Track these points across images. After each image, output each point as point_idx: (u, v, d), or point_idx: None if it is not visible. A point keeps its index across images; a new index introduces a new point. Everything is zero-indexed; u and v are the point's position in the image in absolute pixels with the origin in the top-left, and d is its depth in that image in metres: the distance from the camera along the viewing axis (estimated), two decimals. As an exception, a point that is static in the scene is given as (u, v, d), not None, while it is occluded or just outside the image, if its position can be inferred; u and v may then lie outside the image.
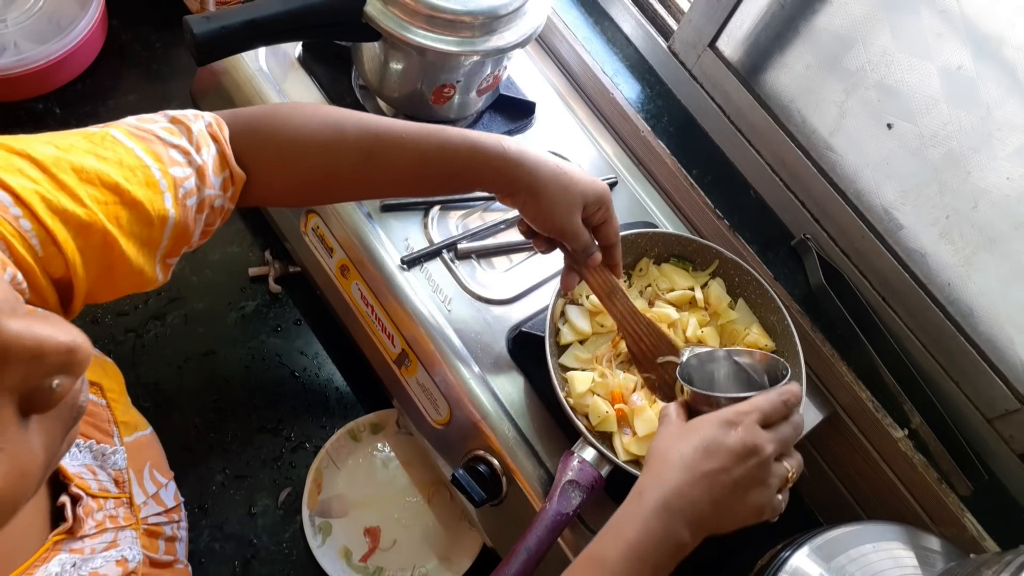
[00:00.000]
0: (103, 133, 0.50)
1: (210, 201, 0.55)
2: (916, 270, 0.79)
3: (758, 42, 0.85)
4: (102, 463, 0.56)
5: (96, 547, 0.52)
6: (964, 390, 0.79)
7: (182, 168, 0.52)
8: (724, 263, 0.79)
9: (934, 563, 0.69)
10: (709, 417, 0.56)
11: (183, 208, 0.52)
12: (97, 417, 0.58)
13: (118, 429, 0.60)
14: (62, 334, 0.32)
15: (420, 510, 0.84)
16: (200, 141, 0.54)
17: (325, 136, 0.59)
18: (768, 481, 0.54)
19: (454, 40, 0.71)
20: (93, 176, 0.46)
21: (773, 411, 0.56)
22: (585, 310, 0.75)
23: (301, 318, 0.93)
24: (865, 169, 0.80)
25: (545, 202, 0.63)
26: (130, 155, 0.49)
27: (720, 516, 0.53)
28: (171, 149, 0.52)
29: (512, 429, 0.72)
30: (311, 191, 0.63)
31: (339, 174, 0.61)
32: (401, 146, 0.60)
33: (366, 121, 0.61)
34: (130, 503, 0.58)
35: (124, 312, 0.88)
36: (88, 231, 0.46)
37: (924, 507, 0.80)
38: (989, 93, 0.68)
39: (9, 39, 0.93)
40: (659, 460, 0.55)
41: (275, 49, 0.86)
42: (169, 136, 0.52)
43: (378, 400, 0.88)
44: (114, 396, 0.61)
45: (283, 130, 0.59)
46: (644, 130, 0.91)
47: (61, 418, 0.35)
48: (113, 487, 0.57)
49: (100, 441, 0.56)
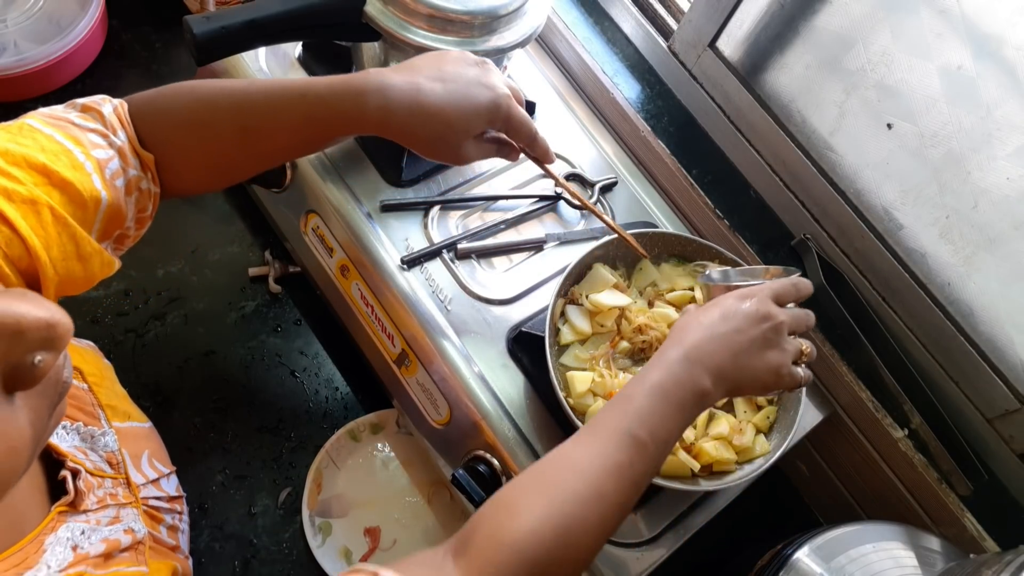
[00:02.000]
0: (19, 124, 0.50)
1: (136, 182, 0.55)
2: (916, 270, 0.79)
3: (758, 42, 0.85)
4: (92, 444, 0.56)
5: (101, 520, 0.52)
6: (964, 390, 0.79)
7: (104, 150, 0.52)
8: (724, 263, 0.79)
9: (934, 563, 0.69)
10: (725, 295, 0.61)
11: (113, 189, 0.52)
12: (80, 400, 0.58)
13: (104, 412, 0.60)
14: (40, 310, 0.33)
15: (420, 510, 0.84)
16: (113, 123, 0.54)
17: (201, 115, 0.58)
18: (783, 346, 0.58)
19: (454, 40, 0.71)
20: (20, 159, 0.47)
21: (784, 291, 0.61)
22: (585, 310, 0.75)
23: (301, 318, 0.93)
24: (865, 169, 0.80)
25: (424, 148, 0.61)
26: (50, 141, 0.49)
27: (739, 369, 0.56)
28: (89, 133, 0.52)
29: (512, 429, 0.72)
30: (211, 171, 0.61)
31: (222, 150, 0.59)
32: (274, 117, 0.58)
33: (239, 93, 0.58)
34: (127, 483, 0.58)
35: (124, 312, 0.88)
36: (36, 208, 0.46)
37: (924, 507, 0.80)
38: (989, 93, 0.68)
39: (9, 39, 0.93)
40: (679, 329, 0.59)
41: (275, 49, 0.86)
42: (84, 122, 0.52)
43: (378, 400, 0.88)
44: (95, 380, 0.61)
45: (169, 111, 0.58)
46: (644, 130, 0.91)
47: (46, 394, 0.36)
48: (107, 467, 0.57)
49: (87, 423, 0.56)
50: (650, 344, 0.73)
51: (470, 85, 0.60)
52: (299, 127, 0.59)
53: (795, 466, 0.95)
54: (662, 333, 0.73)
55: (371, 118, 0.58)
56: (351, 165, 0.81)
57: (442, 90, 0.59)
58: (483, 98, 0.60)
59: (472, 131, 0.61)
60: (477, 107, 0.60)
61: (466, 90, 0.59)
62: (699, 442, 0.69)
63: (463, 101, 0.59)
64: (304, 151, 0.67)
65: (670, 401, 0.54)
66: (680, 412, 0.54)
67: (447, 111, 0.59)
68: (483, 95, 0.60)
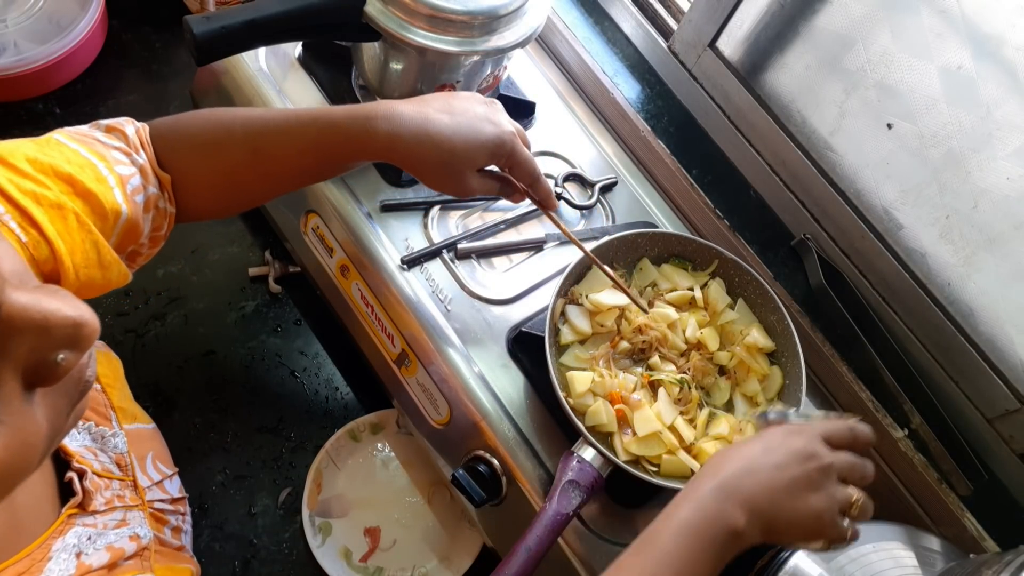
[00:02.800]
0: (46, 138, 0.52)
1: (154, 200, 0.57)
2: (916, 270, 0.79)
3: (758, 42, 0.85)
4: (102, 445, 0.57)
5: (108, 523, 0.52)
6: (964, 390, 0.79)
7: (126, 167, 0.54)
8: (724, 263, 0.79)
9: (934, 563, 0.69)
10: (772, 428, 0.56)
11: (133, 204, 0.54)
12: (94, 400, 0.59)
13: (116, 414, 0.61)
14: (69, 308, 0.33)
15: (420, 510, 0.84)
16: (136, 143, 0.57)
17: (216, 136, 0.60)
18: (828, 490, 0.53)
19: (454, 40, 0.71)
20: (47, 167, 0.48)
21: (837, 433, 0.56)
22: (585, 310, 0.75)
23: (301, 318, 0.93)
24: (865, 169, 0.80)
25: (429, 176, 0.63)
26: (76, 155, 0.51)
27: (776, 508, 0.51)
28: (112, 150, 0.54)
29: (512, 429, 0.72)
30: (224, 193, 0.64)
31: (235, 172, 0.61)
32: (286, 140, 0.60)
33: (254, 118, 0.61)
34: (134, 485, 0.59)
35: (124, 312, 0.88)
36: (62, 213, 0.47)
37: (924, 507, 0.80)
38: (989, 93, 0.67)
39: (9, 39, 0.93)
40: (718, 457, 0.56)
41: (275, 49, 0.86)
42: (108, 140, 0.55)
43: (378, 400, 0.88)
44: (109, 382, 0.62)
45: (186, 133, 0.60)
46: (644, 130, 0.91)
47: (67, 392, 0.36)
48: (116, 469, 0.57)
49: (99, 424, 0.57)
50: (650, 344, 0.73)
51: (477, 119, 0.62)
52: (309, 150, 0.60)
53: (795, 466, 0.95)
54: (662, 333, 0.73)
55: (379, 143, 0.60)
56: (351, 165, 0.81)
57: (449, 120, 0.61)
58: (489, 132, 0.61)
59: (476, 163, 0.62)
60: (482, 140, 0.61)
61: (472, 123, 0.61)
62: (699, 442, 0.69)
63: (469, 133, 0.61)
64: (316, 177, 0.68)
65: (700, 540, 0.50)
66: (711, 552, 0.50)
67: (453, 141, 0.60)
68: (489, 130, 0.62)
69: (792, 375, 0.74)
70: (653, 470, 0.67)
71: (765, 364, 0.76)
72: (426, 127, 0.60)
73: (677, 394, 0.71)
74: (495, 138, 0.62)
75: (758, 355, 0.76)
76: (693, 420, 0.71)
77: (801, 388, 0.72)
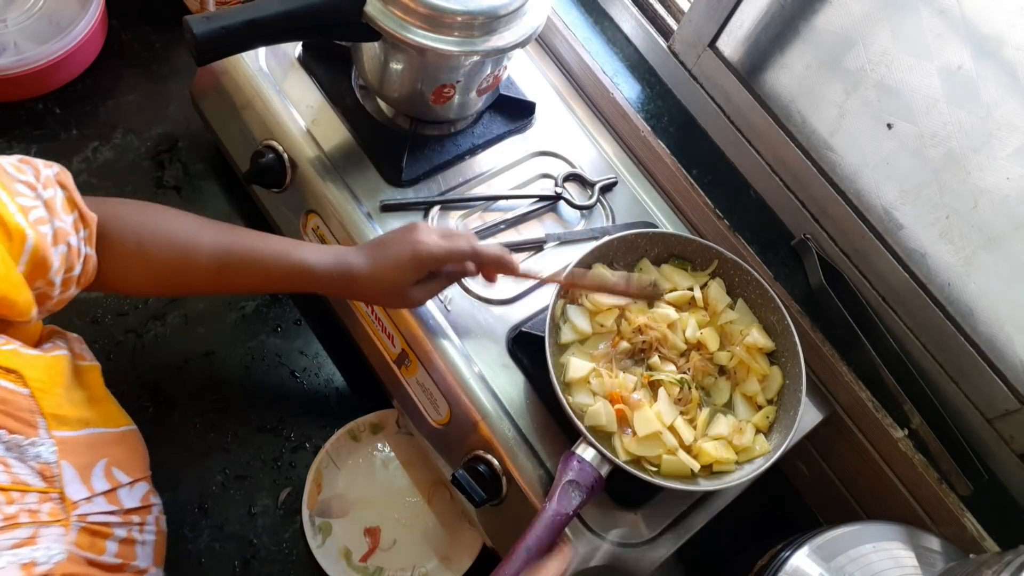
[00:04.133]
0: None
1: (64, 236, 0.56)
2: (916, 270, 0.79)
3: (758, 42, 0.85)
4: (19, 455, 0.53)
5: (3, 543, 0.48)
6: (964, 390, 0.79)
7: (29, 199, 0.54)
8: (724, 263, 0.79)
9: (934, 563, 0.69)
10: None
11: (38, 233, 0.53)
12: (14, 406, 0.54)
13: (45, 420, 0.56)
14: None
15: (420, 510, 0.84)
16: (46, 182, 0.57)
17: (184, 238, 0.65)
18: None
19: (454, 40, 0.71)
20: None
21: None
22: (585, 310, 0.75)
23: (301, 318, 0.93)
24: (865, 169, 0.80)
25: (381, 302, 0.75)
26: None
27: None
28: (16, 183, 0.54)
29: (512, 429, 0.72)
30: (164, 283, 0.68)
31: (193, 275, 0.66)
32: (251, 265, 0.67)
33: (223, 234, 0.67)
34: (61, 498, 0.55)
35: (124, 312, 0.88)
36: None
37: (924, 507, 0.80)
38: (989, 93, 0.68)
39: (9, 39, 0.93)
40: None
41: (275, 49, 0.86)
42: (16, 172, 0.55)
43: (378, 400, 0.88)
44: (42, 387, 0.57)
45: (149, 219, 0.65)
46: (644, 130, 0.91)
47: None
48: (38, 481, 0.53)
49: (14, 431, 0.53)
50: (650, 344, 0.73)
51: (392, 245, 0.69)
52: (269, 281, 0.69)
53: (795, 466, 0.95)
54: (662, 333, 0.73)
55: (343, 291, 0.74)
56: (351, 165, 0.81)
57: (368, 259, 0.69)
58: (404, 254, 0.68)
59: (406, 281, 0.68)
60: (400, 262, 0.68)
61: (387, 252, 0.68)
62: (699, 442, 0.69)
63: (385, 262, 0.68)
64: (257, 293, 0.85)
65: None
66: None
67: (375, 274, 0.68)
68: (404, 251, 0.68)
69: (792, 375, 0.74)
70: (653, 470, 0.67)
71: (765, 364, 0.76)
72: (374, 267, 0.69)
73: (677, 394, 0.71)
74: (411, 255, 0.67)
75: (758, 355, 0.76)
76: (693, 420, 0.71)
77: (801, 388, 0.72)
